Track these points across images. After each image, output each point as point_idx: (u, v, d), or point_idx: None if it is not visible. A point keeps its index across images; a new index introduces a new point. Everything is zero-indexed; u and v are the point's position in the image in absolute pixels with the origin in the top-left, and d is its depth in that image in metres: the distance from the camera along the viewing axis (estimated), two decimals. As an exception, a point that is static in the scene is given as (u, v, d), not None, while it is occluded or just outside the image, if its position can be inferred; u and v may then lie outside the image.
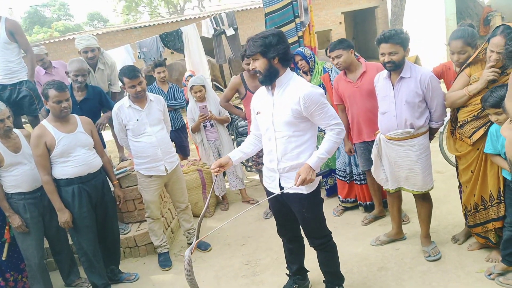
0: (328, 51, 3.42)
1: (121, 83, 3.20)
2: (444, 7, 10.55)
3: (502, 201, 2.57)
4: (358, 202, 3.82)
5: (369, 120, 3.20)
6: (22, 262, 3.15)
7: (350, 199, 3.86)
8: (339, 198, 3.94)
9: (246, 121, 4.53)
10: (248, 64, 3.73)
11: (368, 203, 3.75)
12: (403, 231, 3.24)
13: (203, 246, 3.63)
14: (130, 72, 3.10)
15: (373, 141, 3.10)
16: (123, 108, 3.22)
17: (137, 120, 3.19)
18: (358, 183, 3.73)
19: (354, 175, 3.75)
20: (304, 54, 3.86)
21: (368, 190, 3.67)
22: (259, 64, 2.19)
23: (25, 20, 26.89)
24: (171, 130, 4.03)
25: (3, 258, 3.10)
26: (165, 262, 3.47)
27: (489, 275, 2.60)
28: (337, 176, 3.90)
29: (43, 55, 4.52)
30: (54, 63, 4.63)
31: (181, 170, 3.62)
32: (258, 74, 2.24)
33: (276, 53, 2.14)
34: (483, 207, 2.68)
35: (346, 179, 3.82)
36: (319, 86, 3.79)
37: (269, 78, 2.22)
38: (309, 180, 2.16)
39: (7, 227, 3.08)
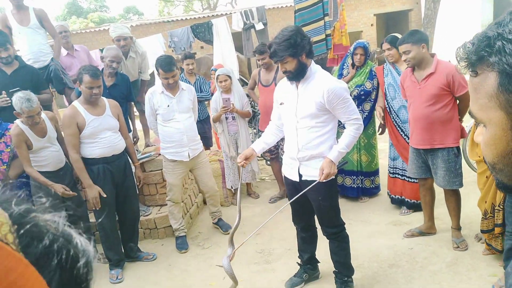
0: (383, 43, 3.53)
1: (157, 71, 3.36)
2: (480, 12, 10.25)
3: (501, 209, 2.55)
4: (388, 193, 3.88)
5: (422, 128, 2.92)
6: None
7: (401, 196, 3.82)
8: (388, 193, 3.99)
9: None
10: (259, 60, 4.07)
11: (397, 197, 3.77)
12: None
13: (223, 228, 3.81)
14: (166, 66, 3.23)
15: (424, 150, 2.97)
16: (155, 93, 3.40)
17: (168, 106, 3.36)
18: (392, 176, 3.81)
19: (389, 168, 3.84)
20: (368, 50, 3.86)
21: (400, 185, 3.73)
22: (290, 65, 2.24)
23: (63, 10, 27.87)
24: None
25: None
26: (182, 244, 3.62)
27: None
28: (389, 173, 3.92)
29: (67, 33, 4.60)
30: (76, 46, 4.80)
31: (205, 155, 3.75)
32: (288, 74, 2.29)
33: (303, 49, 2.21)
34: (492, 215, 2.66)
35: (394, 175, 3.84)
36: (368, 80, 3.84)
37: (301, 74, 2.29)
38: (332, 174, 2.28)
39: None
